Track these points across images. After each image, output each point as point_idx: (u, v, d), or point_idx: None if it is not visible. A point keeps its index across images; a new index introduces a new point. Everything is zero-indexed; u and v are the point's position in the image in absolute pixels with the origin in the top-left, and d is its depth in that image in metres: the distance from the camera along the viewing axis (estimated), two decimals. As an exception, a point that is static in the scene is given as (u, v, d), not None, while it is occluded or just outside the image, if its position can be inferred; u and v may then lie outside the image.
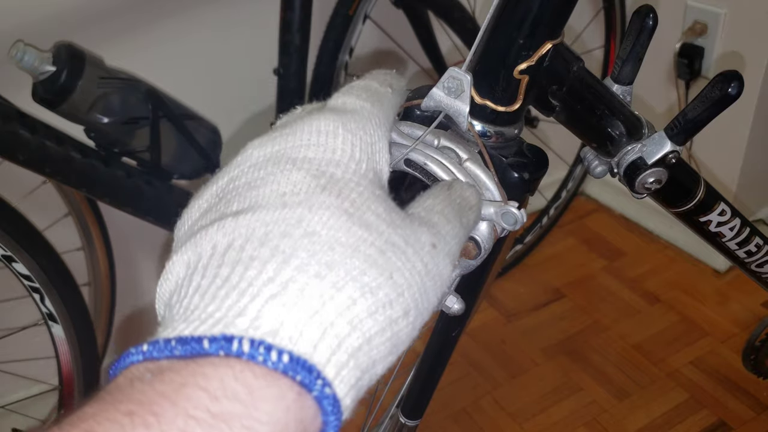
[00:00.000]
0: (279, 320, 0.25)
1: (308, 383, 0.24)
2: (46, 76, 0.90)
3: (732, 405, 1.40)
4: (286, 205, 0.29)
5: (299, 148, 0.32)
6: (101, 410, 0.22)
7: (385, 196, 0.32)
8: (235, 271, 0.26)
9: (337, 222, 0.28)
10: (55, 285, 0.97)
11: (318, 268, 0.26)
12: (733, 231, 0.64)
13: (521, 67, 0.44)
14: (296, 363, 0.24)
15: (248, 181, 0.31)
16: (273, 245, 0.27)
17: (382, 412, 0.84)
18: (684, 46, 1.53)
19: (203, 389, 0.23)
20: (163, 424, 0.22)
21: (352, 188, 0.30)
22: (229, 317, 0.25)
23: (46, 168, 0.90)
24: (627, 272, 1.73)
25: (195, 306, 0.26)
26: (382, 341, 0.27)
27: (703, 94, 0.50)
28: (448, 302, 0.48)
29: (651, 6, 0.52)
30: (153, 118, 1.00)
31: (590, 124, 0.52)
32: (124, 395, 0.23)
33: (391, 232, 0.30)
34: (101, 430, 0.21)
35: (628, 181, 0.53)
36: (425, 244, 0.31)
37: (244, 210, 0.29)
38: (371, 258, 0.28)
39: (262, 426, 0.23)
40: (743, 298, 1.62)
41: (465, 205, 0.37)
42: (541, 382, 1.47)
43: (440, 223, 0.33)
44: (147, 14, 1.17)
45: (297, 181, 0.30)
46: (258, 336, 0.24)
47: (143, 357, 0.25)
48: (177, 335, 0.24)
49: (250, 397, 0.23)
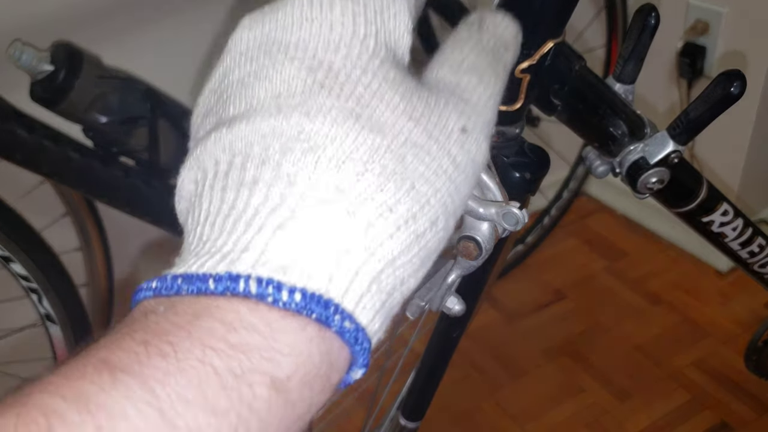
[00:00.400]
0: (289, 254, 0.23)
1: (325, 319, 0.23)
2: (44, 75, 0.90)
3: (734, 406, 1.39)
4: (281, 111, 0.25)
5: (290, 28, 0.27)
6: (115, 340, 0.21)
7: (402, 76, 0.27)
8: (240, 196, 0.24)
9: (342, 130, 0.25)
10: (53, 285, 0.97)
11: (327, 191, 0.24)
12: (735, 231, 0.64)
13: (523, 66, 0.43)
14: (310, 300, 0.22)
15: (240, 78, 0.27)
16: (275, 163, 0.24)
17: (383, 414, 0.84)
18: (686, 45, 1.53)
19: (219, 321, 0.22)
20: (180, 353, 0.21)
21: (356, 80, 0.26)
22: (235, 252, 0.23)
23: (44, 168, 0.90)
24: (629, 273, 1.72)
25: (207, 237, 0.24)
26: (409, 259, 0.25)
27: (705, 94, 0.50)
28: (449, 303, 0.47)
29: (653, 5, 0.52)
30: (151, 118, 1.00)
31: (592, 124, 0.51)
32: (138, 326, 0.22)
33: (411, 128, 0.26)
34: (116, 359, 0.21)
35: (631, 181, 0.53)
36: (453, 130, 0.27)
37: (239, 116, 0.26)
38: (387, 169, 0.25)
39: (284, 357, 0.22)
40: (745, 298, 1.61)
41: (500, 47, 0.31)
42: (543, 384, 1.47)
43: (471, 87, 0.29)
44: (146, 13, 1.17)
45: (291, 76, 0.26)
46: (266, 273, 0.22)
47: (153, 293, 0.23)
48: (183, 272, 0.23)
49: (268, 328, 0.22)
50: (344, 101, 0.25)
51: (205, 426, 0.20)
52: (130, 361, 0.20)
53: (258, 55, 0.27)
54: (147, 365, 0.20)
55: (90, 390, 0.20)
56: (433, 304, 0.47)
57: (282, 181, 0.24)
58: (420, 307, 0.48)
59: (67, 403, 0.19)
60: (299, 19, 0.27)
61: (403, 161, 0.25)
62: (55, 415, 0.19)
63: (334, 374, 0.24)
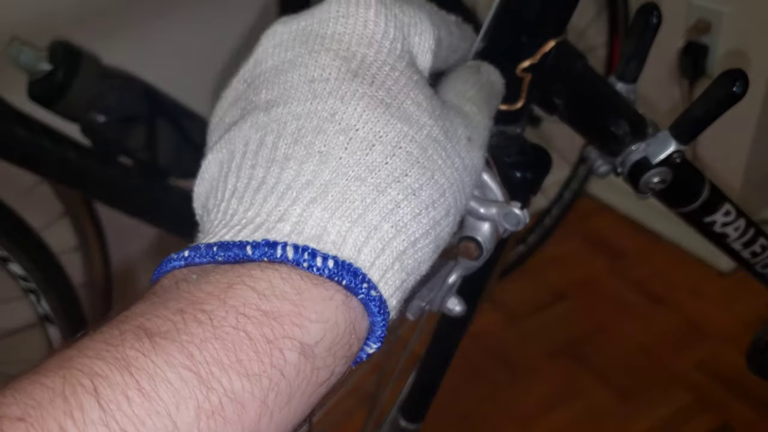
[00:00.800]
0: (322, 225, 0.24)
1: (354, 287, 0.24)
2: (43, 74, 0.89)
3: (736, 407, 1.39)
4: (317, 95, 0.27)
5: (327, 22, 0.29)
6: (150, 308, 0.22)
7: (424, 82, 0.29)
8: (271, 173, 0.26)
9: (373, 115, 0.26)
10: (52, 286, 0.97)
11: (358, 169, 0.25)
12: (738, 231, 0.63)
13: (524, 65, 0.43)
14: (341, 267, 0.24)
15: (275, 65, 0.29)
16: (307, 142, 0.26)
17: (383, 416, 0.84)
18: (688, 44, 1.52)
19: (252, 289, 0.23)
20: (215, 320, 0.22)
21: (387, 73, 0.28)
22: (270, 222, 0.24)
23: (42, 167, 0.90)
24: (631, 273, 1.72)
25: (234, 211, 0.25)
26: (427, 243, 0.27)
27: (707, 93, 0.49)
28: (450, 304, 0.47)
29: (655, 3, 0.51)
30: (150, 117, 0.99)
31: (594, 123, 0.51)
32: (171, 294, 0.23)
33: (432, 125, 0.28)
34: (154, 327, 0.22)
35: (633, 181, 0.53)
36: (462, 137, 0.29)
37: (272, 100, 0.27)
38: (413, 156, 0.26)
39: (312, 324, 0.23)
40: (748, 299, 1.61)
41: (492, 92, 0.36)
42: (544, 385, 1.47)
43: (472, 113, 0.32)
44: (145, 12, 1.17)
45: (326, 64, 0.28)
46: (301, 241, 0.24)
47: (185, 263, 0.24)
48: (218, 240, 0.24)
49: (298, 296, 0.23)
50: (376, 90, 0.27)
51: (239, 389, 0.21)
52: (167, 328, 0.21)
53: (294, 44, 0.29)
54: (184, 332, 0.21)
55: (131, 355, 0.21)
56: (433, 304, 0.47)
57: (314, 158, 0.25)
58: (420, 308, 0.47)
59: (110, 366, 0.20)
60: (336, 14, 0.29)
61: (426, 152, 0.27)
62: (100, 377, 0.20)
63: (355, 343, 0.25)
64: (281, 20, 0.30)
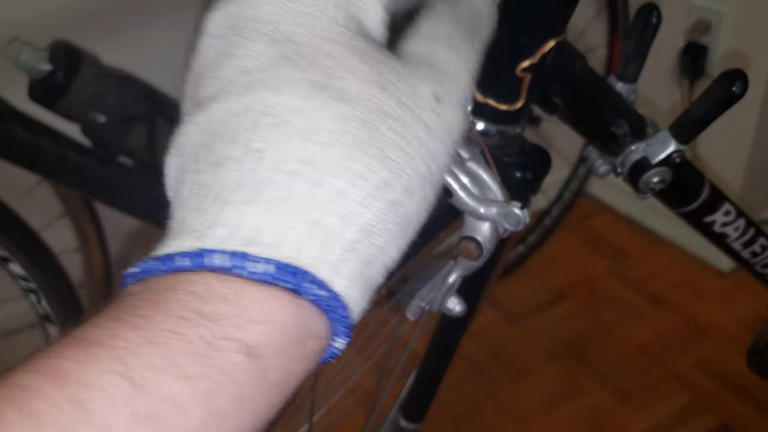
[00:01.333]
0: (256, 227, 0.23)
1: (298, 288, 0.23)
2: (43, 74, 0.89)
3: (736, 407, 1.39)
4: (250, 88, 0.25)
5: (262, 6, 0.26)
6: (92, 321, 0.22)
7: (370, 46, 0.26)
8: (211, 176, 0.25)
9: (307, 102, 0.24)
10: (52, 286, 0.97)
11: (293, 164, 0.24)
12: (738, 231, 0.63)
13: (524, 65, 0.43)
14: (279, 270, 0.23)
15: (212, 58, 0.27)
16: (245, 140, 0.24)
17: (383, 416, 0.84)
18: (687, 44, 1.52)
19: (190, 293, 0.22)
20: (153, 324, 0.21)
21: (324, 50, 0.25)
22: (203, 228, 0.24)
23: (42, 167, 0.90)
24: (630, 273, 1.72)
25: (183, 219, 0.25)
26: (386, 227, 0.25)
27: (707, 93, 0.49)
28: (450, 304, 0.47)
29: (654, 3, 0.51)
30: (150, 117, 0.99)
31: (594, 123, 0.51)
32: (113, 308, 0.23)
33: (379, 96, 0.25)
34: (90, 335, 0.21)
35: (632, 181, 0.53)
36: (426, 98, 0.26)
37: (211, 97, 0.26)
38: (357, 138, 0.24)
39: (256, 325, 0.22)
40: (748, 299, 1.60)
41: (476, 20, 0.31)
42: (544, 385, 1.47)
43: (445, 57, 0.28)
44: (144, 12, 1.17)
45: (258, 52, 0.25)
46: (235, 246, 0.23)
47: (134, 279, 0.24)
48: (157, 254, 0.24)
49: (238, 298, 0.23)
50: (309, 73, 0.25)
51: (177, 392, 0.21)
52: (103, 336, 0.21)
53: (229, 33, 0.27)
54: (120, 338, 0.21)
55: (65, 365, 0.20)
56: (433, 304, 0.47)
57: (252, 156, 0.24)
58: (420, 308, 0.47)
59: (45, 378, 0.20)
60: None
61: (374, 129, 0.25)
62: (33, 390, 0.20)
63: (312, 340, 0.24)
64: (219, 6, 0.28)
